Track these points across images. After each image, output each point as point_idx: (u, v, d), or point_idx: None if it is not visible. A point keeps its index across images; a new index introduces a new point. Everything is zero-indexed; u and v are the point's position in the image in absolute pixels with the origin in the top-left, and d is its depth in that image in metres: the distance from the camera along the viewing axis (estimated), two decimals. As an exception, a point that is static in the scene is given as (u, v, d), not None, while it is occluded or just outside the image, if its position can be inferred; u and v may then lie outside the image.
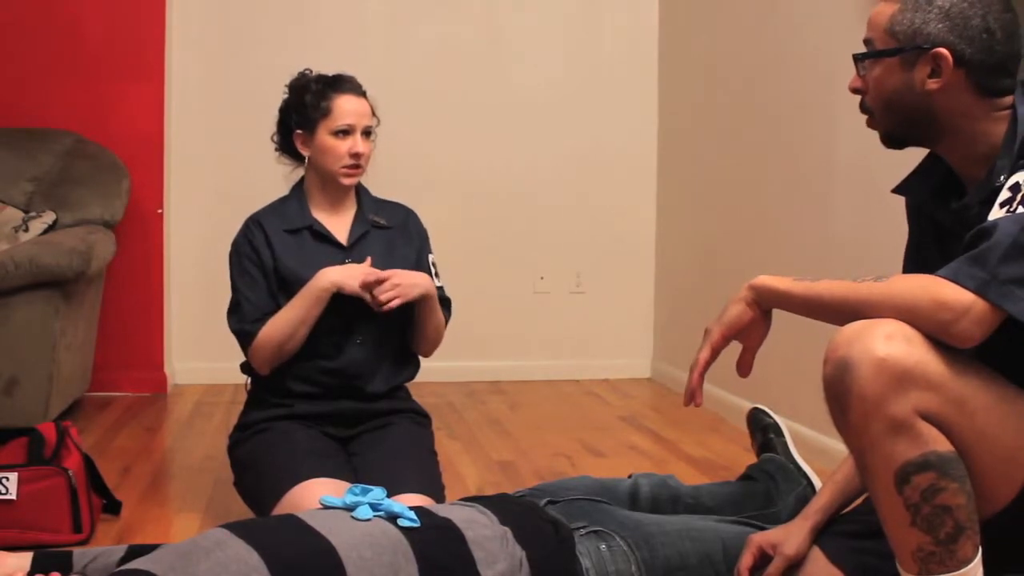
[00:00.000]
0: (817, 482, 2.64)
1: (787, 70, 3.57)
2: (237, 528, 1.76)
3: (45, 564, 1.87)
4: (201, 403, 4.10)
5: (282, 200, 2.68)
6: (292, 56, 4.35)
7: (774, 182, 3.65)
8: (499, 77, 4.63)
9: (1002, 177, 1.56)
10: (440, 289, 2.69)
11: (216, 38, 4.44)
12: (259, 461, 2.49)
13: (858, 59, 1.70)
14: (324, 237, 2.62)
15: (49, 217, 3.75)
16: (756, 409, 2.79)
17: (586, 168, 4.68)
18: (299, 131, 2.62)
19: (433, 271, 2.70)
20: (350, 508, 1.86)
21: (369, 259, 2.55)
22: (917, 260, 1.82)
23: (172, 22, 4.31)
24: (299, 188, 2.68)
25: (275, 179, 2.75)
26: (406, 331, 2.64)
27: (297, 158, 2.67)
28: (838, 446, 2.71)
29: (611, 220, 4.71)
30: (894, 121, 1.70)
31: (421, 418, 2.70)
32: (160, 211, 4.29)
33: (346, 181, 2.59)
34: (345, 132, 2.57)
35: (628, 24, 4.70)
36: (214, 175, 4.44)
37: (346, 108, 2.57)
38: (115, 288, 4.09)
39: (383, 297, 2.48)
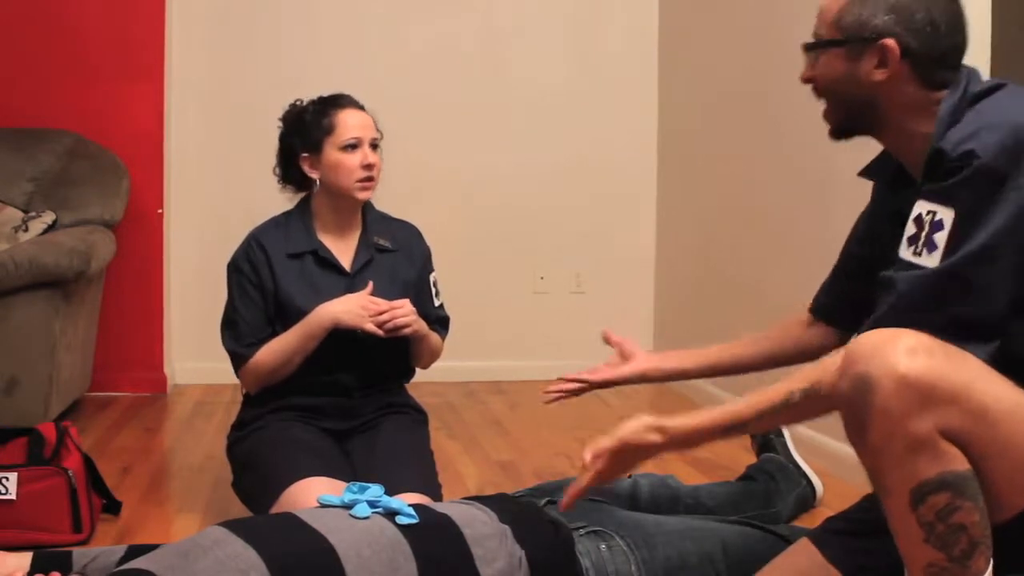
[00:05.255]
0: (817, 482, 2.64)
1: (787, 70, 3.55)
2: (236, 526, 1.76)
3: (45, 564, 1.88)
4: (201, 403, 4.10)
5: (286, 216, 2.64)
6: (292, 56, 4.41)
7: (774, 183, 3.65)
8: (499, 77, 4.62)
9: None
10: (439, 308, 2.69)
11: (216, 38, 4.43)
12: (257, 460, 2.49)
13: (806, 49, 1.79)
14: (327, 263, 2.58)
15: (49, 217, 3.75)
16: (756, 409, 2.79)
17: (586, 168, 4.67)
18: (305, 154, 2.57)
19: (434, 291, 2.68)
20: (348, 506, 1.86)
21: (371, 284, 2.53)
22: (867, 230, 1.97)
23: (172, 22, 4.31)
24: (305, 205, 2.63)
25: (275, 180, 2.74)
26: (401, 351, 2.63)
27: (301, 186, 2.63)
28: (838, 446, 2.70)
29: (611, 220, 4.71)
30: (840, 111, 1.77)
31: (417, 414, 2.70)
32: (160, 211, 4.28)
33: (362, 195, 2.55)
34: (353, 146, 2.53)
35: (628, 24, 4.70)
36: (214, 175, 4.44)
37: (350, 122, 2.55)
38: (115, 288, 4.09)
39: (399, 322, 2.48)
